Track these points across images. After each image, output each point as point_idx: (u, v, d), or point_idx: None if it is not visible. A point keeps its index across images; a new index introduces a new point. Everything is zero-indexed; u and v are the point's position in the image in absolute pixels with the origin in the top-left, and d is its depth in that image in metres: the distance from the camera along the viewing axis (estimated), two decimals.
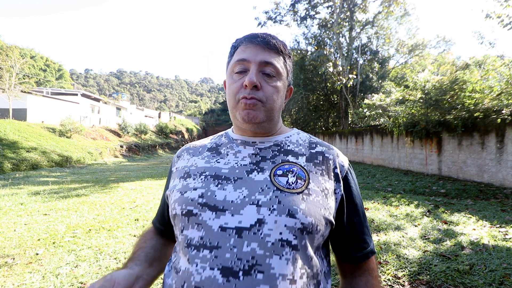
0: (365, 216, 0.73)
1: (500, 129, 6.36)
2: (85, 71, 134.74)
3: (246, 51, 0.69)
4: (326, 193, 0.66)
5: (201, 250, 0.59)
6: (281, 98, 0.72)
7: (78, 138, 18.34)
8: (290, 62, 0.75)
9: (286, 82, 0.74)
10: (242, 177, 0.66)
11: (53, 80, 50.42)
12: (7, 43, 35.59)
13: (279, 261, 0.57)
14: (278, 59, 0.70)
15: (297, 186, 0.63)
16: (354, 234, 0.70)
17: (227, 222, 0.59)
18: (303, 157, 0.71)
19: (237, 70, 0.70)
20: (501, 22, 9.48)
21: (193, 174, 0.70)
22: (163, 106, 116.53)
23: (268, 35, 0.71)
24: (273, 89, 0.69)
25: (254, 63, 0.68)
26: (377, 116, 13.04)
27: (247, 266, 0.55)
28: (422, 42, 19.41)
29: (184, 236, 0.63)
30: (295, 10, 19.20)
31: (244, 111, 0.68)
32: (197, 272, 0.57)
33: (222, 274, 0.55)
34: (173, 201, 0.68)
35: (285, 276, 0.56)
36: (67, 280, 2.43)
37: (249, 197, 0.62)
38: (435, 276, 2.42)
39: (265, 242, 0.57)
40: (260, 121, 0.69)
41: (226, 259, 0.56)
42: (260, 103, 0.67)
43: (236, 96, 0.69)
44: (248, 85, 0.66)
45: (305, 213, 0.60)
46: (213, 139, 0.82)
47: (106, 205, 5.16)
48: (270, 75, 0.69)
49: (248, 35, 0.72)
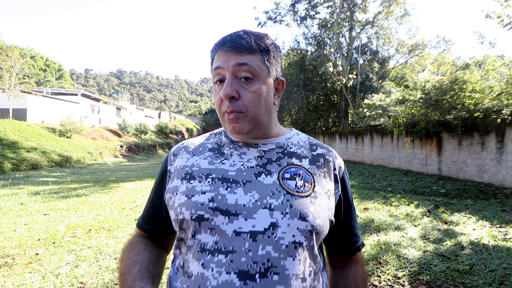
0: (355, 212, 0.78)
1: (500, 129, 6.36)
2: (85, 71, 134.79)
3: (219, 58, 0.67)
4: (329, 195, 0.69)
5: (216, 255, 0.59)
6: (265, 100, 0.68)
7: (78, 138, 18.34)
8: (272, 54, 0.69)
9: (270, 79, 0.69)
10: (251, 180, 0.65)
11: (53, 80, 50.41)
12: (7, 43, 35.66)
13: (292, 262, 0.59)
14: (252, 58, 0.65)
15: (305, 190, 0.65)
16: (348, 230, 0.75)
17: (241, 226, 0.60)
18: (306, 160, 0.72)
19: (215, 80, 0.68)
20: (501, 22, 9.49)
21: (197, 176, 0.68)
22: (163, 106, 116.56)
23: (237, 35, 0.66)
24: (252, 95, 0.65)
25: (227, 70, 0.65)
26: (377, 116, 13.04)
27: (263, 268, 0.57)
28: (422, 42, 19.42)
29: (197, 241, 0.62)
30: (295, 10, 19.20)
31: (230, 125, 0.67)
32: (213, 277, 0.57)
33: (239, 278, 0.56)
34: (178, 204, 0.65)
35: (298, 276, 0.59)
36: (67, 280, 2.43)
37: (261, 200, 0.62)
38: (435, 276, 2.42)
39: (279, 245, 0.59)
40: (247, 131, 0.67)
41: (242, 263, 0.57)
42: (242, 114, 0.65)
43: (220, 109, 0.68)
44: (224, 98, 0.65)
45: (314, 216, 0.63)
46: (212, 138, 0.79)
47: (106, 205, 5.16)
48: (247, 78, 0.65)
49: (219, 41, 0.68)
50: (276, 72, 0.71)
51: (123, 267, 0.68)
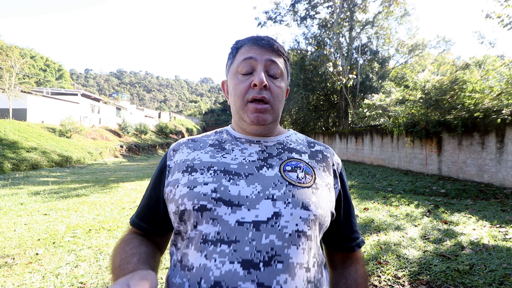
0: (354, 210, 0.80)
1: (500, 129, 6.36)
2: (85, 71, 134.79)
3: (252, 51, 0.71)
4: (329, 188, 0.71)
5: (219, 245, 0.59)
6: (283, 99, 0.74)
7: (78, 138, 18.34)
8: (289, 64, 0.78)
9: (287, 83, 0.77)
10: (253, 173, 0.67)
11: (53, 80, 50.38)
12: (7, 43, 35.62)
13: (296, 250, 0.60)
14: (280, 60, 0.73)
15: (306, 181, 0.67)
16: (347, 226, 0.76)
17: (244, 216, 0.60)
18: (305, 155, 0.75)
19: (243, 71, 0.70)
20: (501, 22, 9.49)
21: (199, 169, 0.68)
22: (163, 106, 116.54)
23: (269, 37, 0.73)
24: (278, 90, 0.71)
25: (260, 62, 0.70)
26: (377, 116, 13.04)
27: (267, 257, 0.57)
28: (422, 42, 19.41)
29: (198, 232, 0.62)
30: (295, 10, 19.19)
31: (253, 114, 0.70)
32: (216, 267, 0.57)
33: (242, 267, 0.56)
34: (179, 196, 0.65)
35: (302, 265, 0.60)
36: (67, 280, 2.43)
37: (263, 192, 0.63)
38: (435, 276, 2.42)
39: (282, 233, 0.59)
40: (268, 123, 0.72)
41: (245, 252, 0.57)
42: (269, 106, 0.70)
43: (244, 97, 0.70)
44: (259, 85, 0.68)
45: (316, 206, 0.64)
46: (213, 135, 0.80)
47: (106, 205, 5.16)
48: (275, 76, 0.71)
49: (252, 37, 0.74)
50: (289, 79, 0.79)
51: (119, 260, 0.65)
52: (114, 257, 0.67)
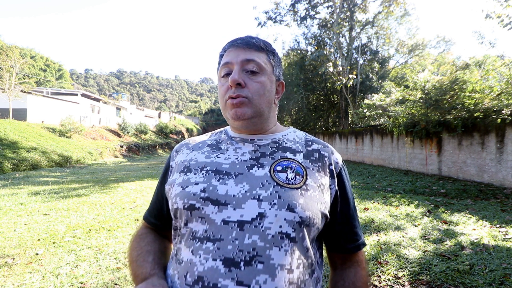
0: (356, 211, 0.77)
1: (500, 129, 6.36)
2: (85, 71, 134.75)
3: (229, 55, 0.73)
4: (322, 189, 0.69)
5: (205, 242, 0.61)
6: (268, 93, 0.73)
7: (78, 138, 18.34)
8: (275, 58, 0.77)
9: (273, 77, 0.76)
10: (243, 172, 0.68)
11: (53, 80, 50.39)
12: (7, 43, 35.61)
13: (278, 252, 0.60)
14: (259, 55, 0.73)
15: (295, 182, 0.66)
16: (346, 227, 0.74)
17: (229, 215, 0.62)
18: (300, 154, 0.73)
19: (223, 74, 0.74)
20: (501, 22, 9.49)
21: (193, 169, 0.71)
22: (163, 106, 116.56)
23: (248, 36, 0.75)
24: (258, 85, 0.71)
25: (236, 63, 0.71)
26: (377, 116, 13.05)
27: (248, 257, 0.58)
28: (422, 42, 19.41)
29: (189, 229, 0.65)
30: (295, 10, 19.20)
31: (232, 110, 0.71)
32: (200, 263, 0.60)
33: (224, 265, 0.58)
34: (174, 195, 0.69)
35: (283, 266, 0.59)
36: (67, 280, 2.42)
37: (250, 191, 0.64)
38: (435, 276, 2.42)
39: (265, 234, 0.60)
40: (248, 117, 0.71)
41: (228, 251, 0.59)
42: (246, 99, 0.70)
43: (224, 97, 0.72)
44: (231, 84, 0.69)
45: (303, 208, 0.63)
46: (212, 136, 0.83)
47: (106, 205, 5.16)
48: (254, 71, 0.71)
49: (230, 41, 0.76)
50: (278, 73, 0.78)
51: (136, 255, 0.73)
52: (131, 251, 0.76)
